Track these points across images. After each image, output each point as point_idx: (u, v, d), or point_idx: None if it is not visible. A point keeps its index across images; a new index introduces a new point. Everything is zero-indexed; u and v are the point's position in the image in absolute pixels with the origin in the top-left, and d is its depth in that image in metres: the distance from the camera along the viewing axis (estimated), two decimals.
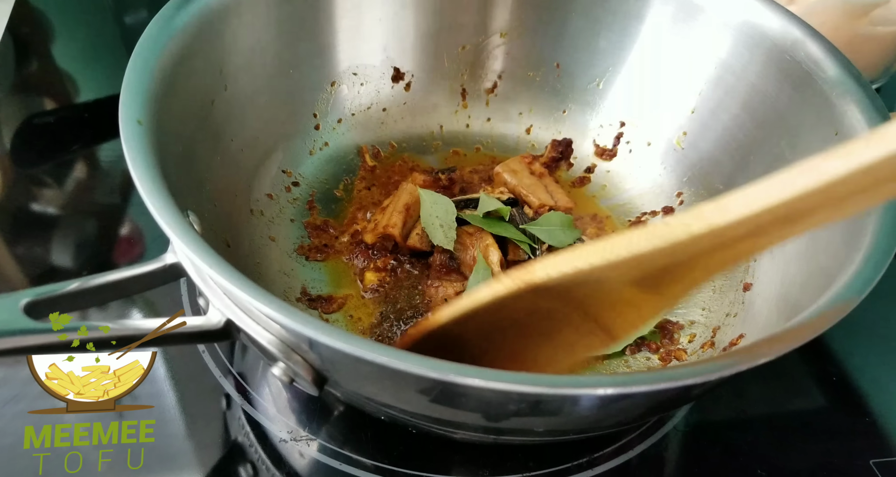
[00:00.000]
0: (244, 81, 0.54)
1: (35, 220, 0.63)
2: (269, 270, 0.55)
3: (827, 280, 0.41)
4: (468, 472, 0.49)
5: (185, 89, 0.47)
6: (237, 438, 0.49)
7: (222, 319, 0.39)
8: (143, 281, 0.41)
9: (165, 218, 0.35)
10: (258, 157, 0.58)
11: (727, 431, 0.52)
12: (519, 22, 0.65)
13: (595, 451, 0.50)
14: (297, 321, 0.32)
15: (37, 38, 0.84)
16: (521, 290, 0.37)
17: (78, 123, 0.74)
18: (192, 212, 0.42)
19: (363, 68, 0.64)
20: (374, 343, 0.32)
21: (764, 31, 0.55)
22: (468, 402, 0.36)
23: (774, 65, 0.55)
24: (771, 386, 0.55)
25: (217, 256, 0.35)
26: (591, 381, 0.34)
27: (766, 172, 0.56)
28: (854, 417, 0.54)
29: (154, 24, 0.46)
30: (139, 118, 0.40)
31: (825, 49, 0.52)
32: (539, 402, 0.34)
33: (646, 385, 0.32)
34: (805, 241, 0.49)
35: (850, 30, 0.69)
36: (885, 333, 0.60)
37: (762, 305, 0.51)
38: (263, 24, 0.55)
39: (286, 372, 0.38)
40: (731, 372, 0.33)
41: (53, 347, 0.36)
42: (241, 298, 0.34)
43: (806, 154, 0.51)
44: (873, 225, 0.41)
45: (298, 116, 0.62)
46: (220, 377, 0.52)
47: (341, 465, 0.48)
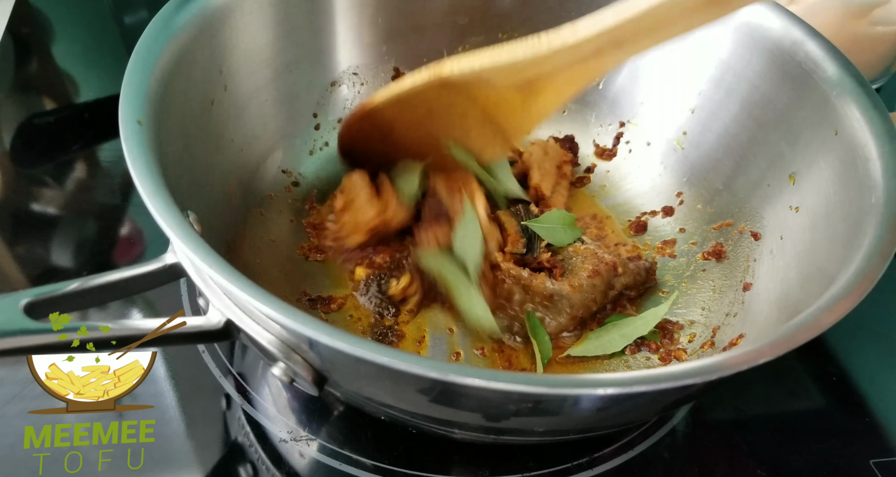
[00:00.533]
0: (244, 81, 0.54)
1: (35, 220, 0.63)
2: (269, 270, 0.55)
3: (826, 280, 0.41)
4: (468, 472, 0.49)
5: (184, 89, 0.47)
6: (237, 438, 0.49)
7: (222, 320, 0.39)
8: (144, 281, 0.41)
9: (165, 218, 0.35)
10: (258, 158, 0.58)
11: (727, 431, 0.52)
12: (519, 21, 0.65)
13: (595, 451, 0.50)
14: (297, 321, 0.32)
15: (37, 38, 0.84)
16: (434, 81, 0.49)
17: (78, 123, 0.74)
18: (191, 212, 0.42)
19: (363, 68, 0.64)
20: (374, 343, 0.32)
21: (764, 32, 0.55)
22: (468, 402, 0.36)
23: (775, 65, 0.55)
24: (771, 386, 0.55)
25: (217, 257, 0.35)
26: (591, 381, 0.34)
27: (766, 172, 0.56)
28: (854, 417, 0.54)
29: (154, 24, 0.46)
30: (139, 118, 0.40)
31: (825, 49, 0.52)
32: (538, 402, 0.34)
33: (646, 385, 0.32)
34: (805, 241, 0.49)
35: (850, 30, 0.69)
36: (885, 333, 0.60)
37: (762, 305, 0.51)
38: (263, 24, 0.55)
39: (286, 372, 0.38)
40: (731, 372, 0.33)
41: (53, 348, 0.36)
42: (241, 298, 0.34)
43: (806, 154, 0.52)
44: (873, 225, 0.42)
45: (298, 116, 0.62)
46: (220, 377, 0.52)
47: (341, 465, 0.48)
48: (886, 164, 0.45)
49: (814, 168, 0.51)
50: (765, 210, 0.55)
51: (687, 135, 0.62)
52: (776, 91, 0.55)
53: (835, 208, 0.47)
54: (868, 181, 0.45)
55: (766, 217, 0.55)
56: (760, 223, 0.55)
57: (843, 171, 0.48)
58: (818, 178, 0.50)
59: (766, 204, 0.55)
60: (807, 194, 0.51)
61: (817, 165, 0.51)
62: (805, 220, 0.50)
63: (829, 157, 0.49)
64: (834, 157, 0.49)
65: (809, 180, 0.51)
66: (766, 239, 0.54)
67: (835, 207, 0.47)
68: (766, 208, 0.55)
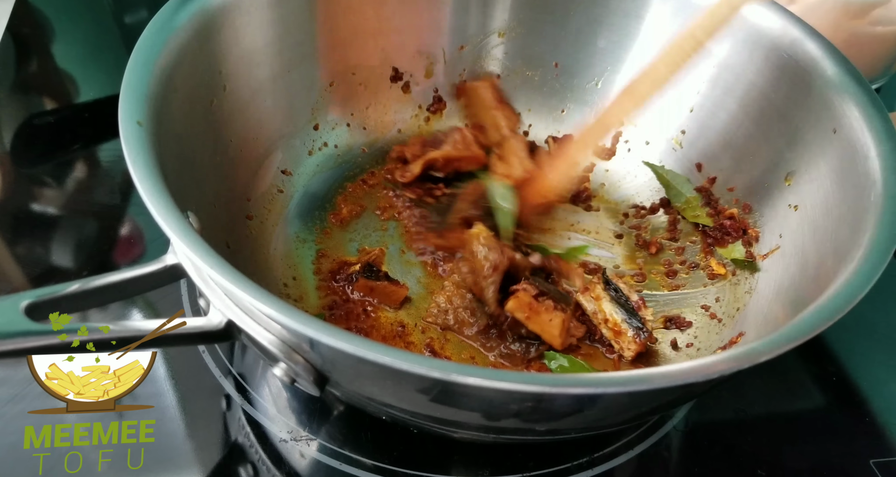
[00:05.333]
0: (243, 82, 0.54)
1: (35, 220, 0.63)
2: (269, 270, 0.55)
3: (826, 278, 0.41)
4: (468, 471, 0.49)
5: (184, 89, 0.47)
6: (237, 438, 0.49)
7: (223, 320, 0.39)
8: (144, 282, 0.41)
9: (165, 218, 0.35)
10: (258, 158, 0.58)
11: (727, 431, 0.52)
12: (517, 22, 0.65)
13: (595, 451, 0.50)
14: (299, 321, 0.32)
15: (37, 38, 0.84)
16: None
17: (78, 123, 0.74)
18: (191, 212, 0.42)
19: (361, 69, 0.64)
20: (375, 343, 0.32)
21: (763, 31, 0.55)
22: (469, 401, 0.36)
23: (773, 64, 0.55)
24: (771, 386, 0.55)
25: (217, 256, 0.35)
26: (591, 380, 0.34)
27: (764, 171, 0.56)
28: (854, 417, 0.54)
29: (154, 23, 0.46)
30: (139, 118, 0.40)
31: (824, 48, 0.52)
32: (539, 400, 0.34)
33: (645, 384, 0.32)
34: (805, 239, 0.49)
35: (849, 30, 0.69)
36: (885, 333, 0.60)
37: (762, 304, 0.51)
38: (262, 24, 0.55)
39: (287, 372, 0.38)
40: (731, 371, 0.33)
41: (54, 348, 0.36)
42: (241, 299, 0.34)
43: (805, 152, 0.52)
44: (871, 223, 0.42)
45: (297, 116, 0.62)
46: (220, 377, 0.52)
47: (341, 465, 0.48)
48: (885, 162, 0.45)
49: (812, 167, 0.51)
50: (764, 208, 0.55)
51: (685, 133, 0.62)
52: (774, 90, 0.55)
53: (834, 207, 0.48)
54: (867, 179, 0.45)
55: (765, 215, 0.55)
56: (760, 222, 0.56)
57: (842, 169, 0.48)
58: (817, 177, 0.50)
59: (766, 202, 0.55)
60: (806, 193, 0.51)
61: (816, 164, 0.51)
62: (804, 219, 0.51)
63: (828, 155, 0.50)
64: (833, 156, 0.49)
65: (808, 179, 0.51)
66: (765, 237, 0.54)
67: (834, 206, 0.48)
68: (766, 207, 0.55)
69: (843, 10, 0.68)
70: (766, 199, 0.55)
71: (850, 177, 0.47)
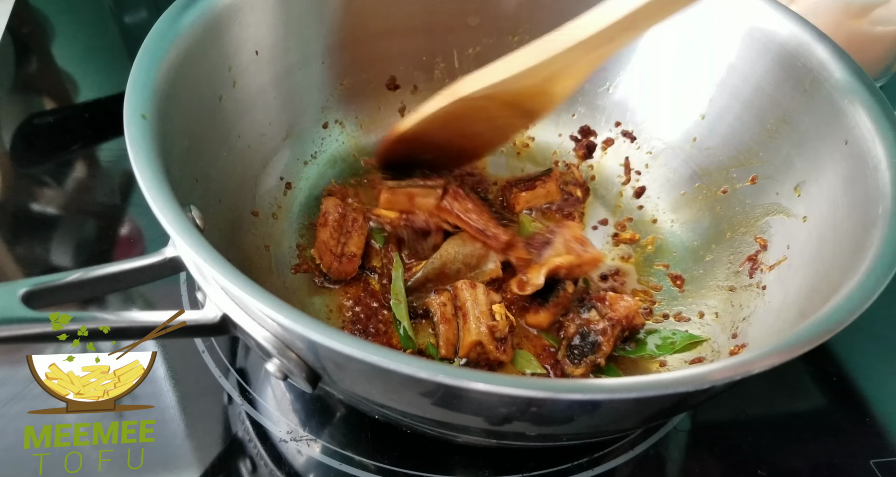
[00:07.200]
0: (252, 79, 0.54)
1: (35, 220, 0.63)
2: (269, 268, 0.55)
3: (830, 290, 0.41)
4: (469, 472, 0.49)
5: (192, 85, 0.47)
6: (237, 438, 0.49)
7: (218, 314, 0.39)
8: (143, 274, 0.41)
9: (163, 211, 0.35)
10: (265, 155, 0.58)
11: (727, 431, 0.52)
12: (530, 24, 0.64)
13: (595, 451, 0.50)
14: (292, 319, 0.32)
15: (37, 38, 0.84)
16: (455, 101, 0.52)
17: (78, 123, 0.74)
18: (194, 207, 0.42)
19: (372, 69, 0.64)
20: (366, 342, 0.32)
21: (771, 35, 0.55)
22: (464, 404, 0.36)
23: (782, 68, 0.54)
24: (771, 386, 0.55)
25: (212, 250, 0.35)
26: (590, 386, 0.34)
27: (772, 175, 0.55)
28: (854, 417, 0.54)
29: (161, 21, 0.46)
30: (144, 112, 0.40)
31: (832, 52, 0.51)
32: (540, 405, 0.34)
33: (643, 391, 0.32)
34: (811, 250, 0.49)
35: (850, 30, 0.69)
36: (885, 333, 0.60)
37: (768, 315, 0.50)
38: (270, 24, 0.55)
39: (280, 368, 0.38)
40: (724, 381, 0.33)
41: (50, 337, 0.36)
42: (236, 294, 0.34)
43: (813, 157, 0.51)
44: (878, 237, 0.41)
45: (305, 116, 0.62)
46: (220, 377, 0.52)
47: (341, 465, 0.48)
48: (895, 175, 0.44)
49: (822, 178, 0.50)
50: (772, 219, 0.55)
51: (696, 141, 0.62)
52: (782, 94, 0.54)
53: (842, 218, 0.47)
54: (876, 191, 0.44)
55: (773, 226, 0.54)
56: (768, 232, 0.55)
57: (852, 180, 0.47)
58: (826, 188, 0.50)
59: (774, 213, 0.55)
60: (814, 204, 0.50)
61: (825, 175, 0.50)
62: (812, 230, 0.50)
63: (839, 167, 0.49)
64: (843, 167, 0.48)
65: (818, 190, 0.50)
66: (772, 247, 0.54)
67: (842, 217, 0.47)
68: (774, 217, 0.55)
69: (844, 10, 0.68)
70: (775, 209, 0.55)
71: (860, 188, 0.46)
